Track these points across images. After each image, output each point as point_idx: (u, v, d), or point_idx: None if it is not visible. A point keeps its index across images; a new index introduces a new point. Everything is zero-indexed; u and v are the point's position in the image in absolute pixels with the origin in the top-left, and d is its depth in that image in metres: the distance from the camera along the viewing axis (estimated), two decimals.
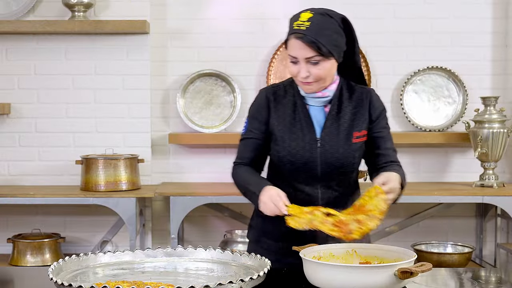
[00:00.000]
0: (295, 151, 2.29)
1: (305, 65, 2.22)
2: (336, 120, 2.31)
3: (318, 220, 2.05)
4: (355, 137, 2.31)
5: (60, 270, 2.02)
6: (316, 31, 2.18)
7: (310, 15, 2.20)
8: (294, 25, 2.21)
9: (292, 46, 2.22)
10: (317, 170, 2.30)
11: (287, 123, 2.32)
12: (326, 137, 2.30)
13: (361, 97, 2.35)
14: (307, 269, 1.98)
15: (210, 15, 4.12)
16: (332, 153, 2.29)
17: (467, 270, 2.37)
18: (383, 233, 4.20)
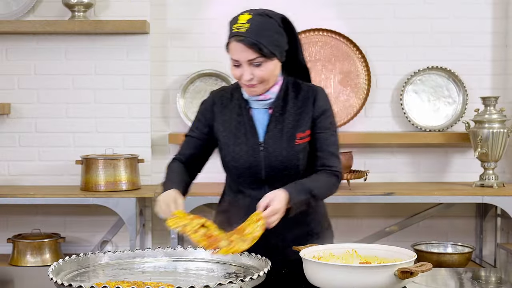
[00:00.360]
0: (239, 156, 2.28)
1: (248, 67, 2.19)
2: (280, 121, 2.28)
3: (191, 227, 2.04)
4: (299, 138, 2.27)
5: (60, 270, 2.02)
6: (256, 32, 2.16)
7: (249, 17, 2.19)
8: (233, 28, 2.19)
9: (233, 49, 2.18)
10: (261, 173, 2.28)
11: (232, 128, 2.31)
12: (269, 140, 2.27)
13: (307, 96, 2.31)
14: (307, 269, 1.99)
15: (210, 15, 4.12)
16: (276, 156, 2.26)
17: (467, 270, 2.37)
18: (383, 233, 4.20)
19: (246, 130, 2.29)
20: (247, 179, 2.31)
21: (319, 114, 2.29)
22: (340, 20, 4.14)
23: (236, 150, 2.29)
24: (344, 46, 4.12)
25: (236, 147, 2.29)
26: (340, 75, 4.14)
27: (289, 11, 4.11)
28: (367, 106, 4.16)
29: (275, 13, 2.24)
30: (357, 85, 4.13)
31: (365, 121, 4.18)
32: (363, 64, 4.11)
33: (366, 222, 4.23)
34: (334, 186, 2.30)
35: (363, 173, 3.83)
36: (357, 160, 4.10)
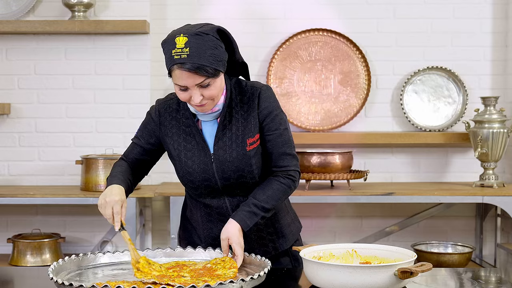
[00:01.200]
0: (192, 169, 2.26)
1: (197, 90, 2.13)
2: (228, 130, 2.24)
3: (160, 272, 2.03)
4: (249, 144, 2.24)
5: (60, 270, 2.03)
6: (198, 55, 2.08)
7: (185, 39, 2.08)
8: (172, 54, 2.09)
9: (178, 76, 2.10)
10: (217, 184, 2.26)
11: (182, 141, 2.28)
12: (220, 150, 2.24)
13: (251, 98, 2.26)
14: (307, 269, 1.99)
15: (210, 15, 4.12)
16: (228, 165, 2.23)
17: (467, 270, 2.37)
18: (383, 233, 4.20)
19: (196, 143, 2.26)
20: (204, 191, 2.29)
21: (265, 116, 2.25)
22: (340, 20, 4.14)
23: (189, 164, 2.26)
24: (344, 46, 4.12)
25: (188, 161, 2.26)
26: (340, 75, 4.14)
27: (289, 11, 4.15)
28: (367, 106, 4.16)
29: (209, 27, 2.15)
30: (357, 85, 4.13)
31: (365, 121, 4.18)
32: (363, 64, 4.12)
33: (366, 222, 4.23)
34: (289, 189, 2.27)
35: (363, 173, 3.83)
36: (357, 160, 4.11)
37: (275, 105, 2.28)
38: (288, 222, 2.42)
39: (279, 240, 2.36)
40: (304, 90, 4.14)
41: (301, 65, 4.13)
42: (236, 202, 2.29)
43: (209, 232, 2.34)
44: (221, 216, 2.30)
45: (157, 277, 1.94)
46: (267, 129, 2.25)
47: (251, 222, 2.18)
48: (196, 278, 1.96)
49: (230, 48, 2.23)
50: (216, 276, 1.96)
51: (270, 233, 2.35)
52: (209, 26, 2.15)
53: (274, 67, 4.10)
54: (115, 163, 2.37)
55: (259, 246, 2.33)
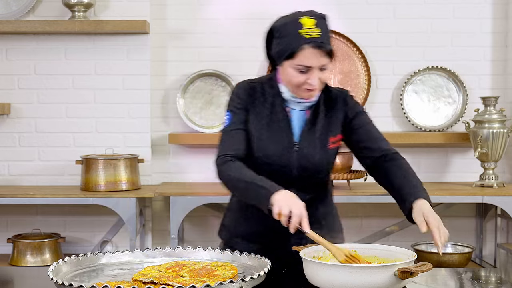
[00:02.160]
0: (271, 153, 2.25)
1: (317, 72, 2.16)
2: (313, 124, 2.27)
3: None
4: (331, 142, 2.27)
5: (60, 270, 2.02)
6: (327, 37, 2.14)
7: (314, 21, 2.15)
8: (301, 33, 2.12)
9: (306, 55, 2.12)
10: (292, 173, 2.26)
11: (264, 124, 2.27)
12: (304, 141, 2.25)
13: (337, 100, 2.30)
14: (307, 269, 1.99)
15: (210, 15, 4.12)
16: (309, 158, 2.25)
17: (467, 270, 2.37)
18: (383, 233, 4.20)
19: (281, 129, 2.26)
20: (276, 177, 2.23)
21: (355, 114, 2.30)
22: (340, 20, 4.13)
23: (270, 147, 2.25)
24: (344, 46, 4.12)
25: (270, 144, 2.25)
26: (340, 75, 4.14)
27: (289, 11, 4.14)
28: (367, 106, 4.15)
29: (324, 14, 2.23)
30: (357, 85, 4.13)
31: None
32: (363, 64, 4.11)
33: (366, 222, 4.23)
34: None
35: (363, 173, 3.83)
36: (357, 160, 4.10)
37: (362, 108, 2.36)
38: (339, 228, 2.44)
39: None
40: None
41: None
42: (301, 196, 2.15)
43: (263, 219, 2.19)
44: None
45: (156, 277, 1.94)
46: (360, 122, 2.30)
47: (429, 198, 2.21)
48: (195, 278, 1.96)
49: None
50: (215, 277, 1.96)
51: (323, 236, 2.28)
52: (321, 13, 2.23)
53: None
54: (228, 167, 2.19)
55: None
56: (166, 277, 1.95)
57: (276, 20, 2.25)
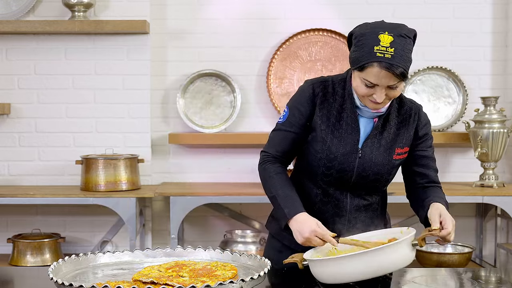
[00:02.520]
0: (334, 156, 2.24)
1: (384, 90, 2.12)
2: (380, 132, 2.25)
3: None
4: (397, 153, 2.27)
5: (60, 270, 2.02)
6: (401, 57, 2.07)
7: (391, 39, 2.07)
8: (375, 50, 2.07)
9: (373, 73, 2.08)
10: (351, 178, 2.26)
11: (331, 124, 2.25)
12: (367, 148, 2.24)
13: (410, 113, 2.29)
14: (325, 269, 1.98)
15: (210, 15, 4.12)
16: (370, 165, 2.24)
17: (467, 270, 2.37)
18: None
19: (347, 132, 2.24)
20: (333, 179, 2.27)
21: (424, 133, 2.30)
22: (340, 20, 4.13)
23: (333, 150, 2.24)
24: (344, 46, 4.12)
25: (333, 146, 2.24)
26: None
27: (289, 11, 4.15)
28: None
29: (410, 29, 2.14)
30: None
31: None
32: None
33: None
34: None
35: None
36: None
37: (430, 124, 2.36)
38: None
39: None
40: None
41: (301, 65, 4.13)
42: (356, 202, 2.29)
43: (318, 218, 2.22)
44: (337, 209, 2.29)
45: (156, 277, 1.94)
46: (424, 144, 2.31)
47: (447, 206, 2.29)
48: (195, 278, 1.96)
49: None
50: (215, 277, 1.96)
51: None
52: (409, 28, 2.14)
53: (274, 67, 4.10)
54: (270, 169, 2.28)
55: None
56: (166, 277, 1.95)
57: (360, 25, 2.18)
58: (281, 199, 2.21)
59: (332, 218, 2.30)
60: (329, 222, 2.28)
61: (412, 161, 2.32)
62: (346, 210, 2.29)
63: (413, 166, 2.33)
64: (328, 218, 2.30)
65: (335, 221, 2.29)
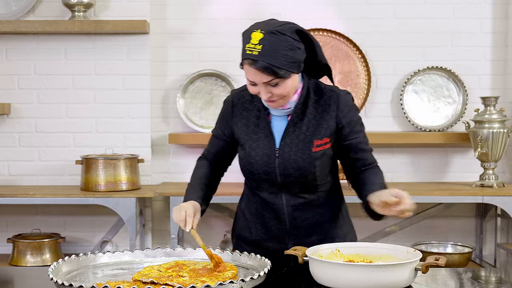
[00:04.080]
0: (254, 160, 2.27)
1: (265, 87, 2.14)
2: (298, 128, 2.24)
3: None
4: (316, 145, 2.24)
5: (60, 270, 2.03)
6: (269, 54, 2.07)
7: (260, 36, 2.08)
8: (246, 48, 2.10)
9: (247, 71, 2.13)
10: (277, 180, 2.27)
11: (250, 132, 2.29)
12: (285, 146, 2.24)
13: (329, 102, 2.25)
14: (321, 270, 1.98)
15: (210, 15, 4.12)
16: (290, 163, 2.23)
17: (467, 270, 2.37)
18: (383, 233, 4.20)
19: (264, 136, 2.27)
20: (263, 184, 2.30)
21: (348, 121, 2.26)
22: (340, 20, 4.14)
23: (252, 154, 2.27)
24: (344, 46, 4.12)
25: (252, 152, 2.27)
26: (340, 75, 4.14)
27: (289, 11, 4.15)
28: (367, 106, 4.16)
29: (288, 27, 2.12)
30: (357, 85, 4.13)
31: (365, 121, 4.11)
32: (363, 64, 4.12)
33: (366, 222, 4.20)
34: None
35: None
36: None
37: (355, 108, 2.31)
38: (344, 233, 2.41)
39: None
40: None
41: None
42: (292, 202, 2.29)
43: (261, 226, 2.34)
44: (276, 213, 2.31)
45: (156, 277, 1.95)
46: (350, 133, 2.27)
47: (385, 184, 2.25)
48: (195, 278, 1.96)
49: (312, 50, 2.21)
50: (215, 276, 1.96)
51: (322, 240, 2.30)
52: (288, 25, 2.13)
53: None
54: (198, 164, 2.46)
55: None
56: (166, 277, 1.95)
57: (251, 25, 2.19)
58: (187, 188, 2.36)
59: (272, 221, 2.32)
60: (271, 226, 2.31)
61: (346, 151, 2.29)
62: (284, 211, 2.30)
63: (348, 154, 2.30)
64: (269, 221, 2.33)
65: (276, 223, 2.31)
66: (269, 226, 2.33)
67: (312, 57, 2.24)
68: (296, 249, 2.10)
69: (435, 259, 1.97)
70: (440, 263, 1.96)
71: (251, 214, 2.38)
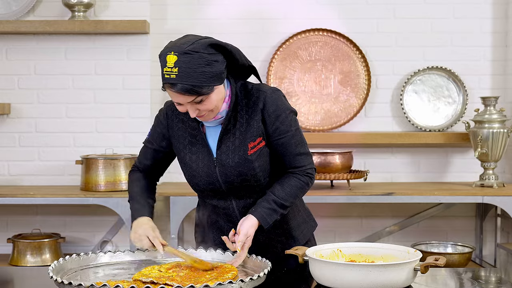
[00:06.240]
0: (196, 173, 2.26)
1: (191, 106, 2.12)
2: (232, 134, 2.22)
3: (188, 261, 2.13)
4: (250, 148, 2.21)
5: (61, 269, 2.03)
6: (187, 75, 2.05)
7: (175, 58, 2.08)
8: (164, 72, 2.10)
9: (169, 94, 2.11)
10: (221, 187, 2.26)
11: (187, 144, 2.27)
12: (222, 155, 2.22)
13: (256, 102, 2.22)
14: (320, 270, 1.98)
15: (210, 15, 4.12)
16: (230, 170, 2.22)
17: (467, 270, 2.37)
18: (383, 233, 4.20)
19: (201, 147, 2.25)
20: (210, 193, 2.30)
21: (274, 120, 2.21)
22: (340, 20, 4.14)
23: (193, 167, 2.26)
24: (344, 46, 4.12)
25: (193, 164, 2.26)
26: (340, 75, 4.14)
27: (289, 11, 4.15)
28: (367, 106, 4.16)
29: (200, 43, 2.09)
30: (357, 85, 4.13)
31: (365, 121, 4.18)
32: (363, 64, 4.12)
33: (366, 222, 4.23)
34: (306, 186, 2.26)
35: (363, 173, 3.83)
36: (357, 160, 4.11)
37: (283, 107, 2.23)
38: (299, 223, 2.39)
39: (288, 241, 2.33)
40: (304, 90, 4.14)
41: (301, 65, 4.13)
42: (242, 203, 2.29)
43: (218, 231, 2.34)
44: (228, 217, 2.31)
45: (156, 277, 1.95)
46: (278, 132, 2.21)
47: (271, 219, 2.18)
48: (194, 278, 1.97)
49: (231, 58, 2.17)
50: (214, 277, 1.96)
51: (279, 234, 2.33)
52: (200, 42, 2.09)
53: (274, 67, 4.10)
54: (130, 177, 2.41)
55: (267, 247, 2.31)
56: (166, 277, 1.95)
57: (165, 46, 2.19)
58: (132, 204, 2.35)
59: (227, 225, 2.31)
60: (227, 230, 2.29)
61: (274, 151, 2.25)
62: (236, 214, 2.29)
63: (275, 155, 2.26)
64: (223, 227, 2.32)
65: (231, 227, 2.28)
66: (225, 231, 2.31)
67: (234, 63, 2.20)
68: (298, 249, 2.11)
69: (434, 259, 1.98)
70: (439, 263, 1.96)
71: (206, 222, 2.38)
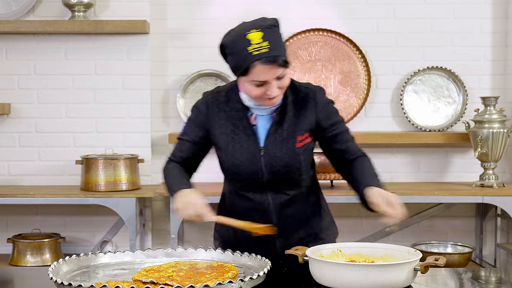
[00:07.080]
0: (239, 161, 2.26)
1: (275, 82, 2.15)
2: (280, 125, 2.26)
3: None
4: (299, 141, 2.26)
5: (60, 270, 2.03)
6: (277, 47, 2.11)
7: (261, 34, 2.10)
8: (250, 51, 2.09)
9: (259, 72, 2.11)
10: (263, 179, 2.27)
11: (230, 133, 2.28)
12: (270, 145, 2.25)
13: (306, 98, 2.28)
14: (320, 270, 1.98)
15: (210, 15, 4.12)
16: (276, 160, 2.25)
17: (467, 270, 2.37)
18: (383, 233, 4.20)
19: (246, 136, 2.27)
20: (248, 184, 2.30)
21: (327, 113, 2.30)
22: (340, 20, 4.14)
23: (236, 156, 2.27)
24: (344, 46, 4.12)
25: (236, 153, 2.27)
26: (340, 75, 4.14)
27: (289, 11, 4.15)
28: (367, 106, 4.16)
29: (271, 19, 2.17)
30: (357, 85, 4.13)
31: (365, 121, 4.18)
32: (363, 64, 4.12)
33: (366, 222, 4.23)
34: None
35: None
36: None
37: (329, 100, 2.33)
38: (326, 225, 2.43)
39: (317, 243, 2.30)
40: None
41: (301, 65, 4.13)
42: (278, 199, 2.30)
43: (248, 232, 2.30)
44: (262, 212, 2.30)
45: (156, 277, 1.95)
46: (331, 123, 2.30)
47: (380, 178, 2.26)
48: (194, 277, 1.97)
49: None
50: (214, 277, 1.97)
51: (309, 234, 2.35)
52: (270, 19, 2.17)
53: None
54: (167, 166, 2.37)
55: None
56: (166, 277, 1.95)
57: (225, 35, 2.20)
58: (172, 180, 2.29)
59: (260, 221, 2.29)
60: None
61: (330, 142, 2.31)
62: (271, 209, 2.30)
63: (332, 146, 2.32)
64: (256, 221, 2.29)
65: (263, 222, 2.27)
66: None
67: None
68: (297, 249, 2.11)
69: (434, 259, 1.98)
70: (439, 263, 1.96)
71: (236, 216, 2.34)
